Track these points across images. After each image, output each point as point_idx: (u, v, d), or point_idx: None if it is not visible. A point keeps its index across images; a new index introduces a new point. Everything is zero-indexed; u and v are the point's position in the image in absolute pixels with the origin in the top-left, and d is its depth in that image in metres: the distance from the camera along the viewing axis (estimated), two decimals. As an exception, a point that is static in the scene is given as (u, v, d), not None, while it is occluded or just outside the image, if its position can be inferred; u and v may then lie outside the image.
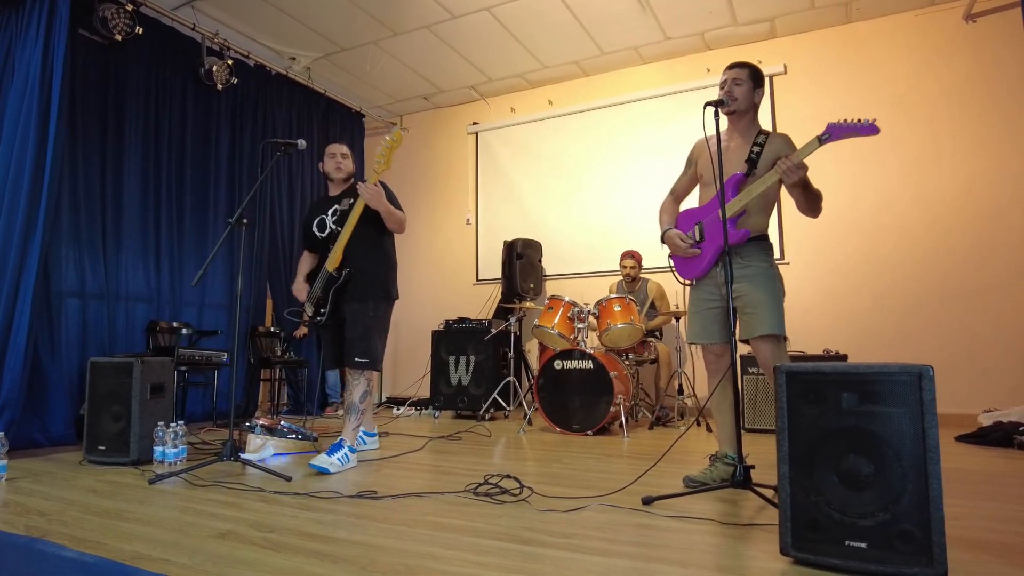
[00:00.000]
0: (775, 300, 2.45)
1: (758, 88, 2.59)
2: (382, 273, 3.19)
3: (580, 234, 6.03)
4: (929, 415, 1.48)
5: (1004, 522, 1.99)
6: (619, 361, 4.47)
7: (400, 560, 1.64)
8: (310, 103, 6.18)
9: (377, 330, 3.13)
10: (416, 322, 6.67)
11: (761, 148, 2.51)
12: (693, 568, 1.58)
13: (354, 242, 3.10)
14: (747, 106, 2.57)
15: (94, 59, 4.33)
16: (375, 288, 3.14)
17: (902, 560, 1.45)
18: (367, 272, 3.14)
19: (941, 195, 4.76)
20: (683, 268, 2.71)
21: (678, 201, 2.84)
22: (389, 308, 3.23)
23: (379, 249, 3.20)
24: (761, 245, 2.53)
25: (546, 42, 5.51)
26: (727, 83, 2.57)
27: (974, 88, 4.73)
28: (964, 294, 4.61)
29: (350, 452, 2.97)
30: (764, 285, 2.46)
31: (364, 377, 3.07)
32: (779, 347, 2.44)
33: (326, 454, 2.89)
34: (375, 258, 3.17)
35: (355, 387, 3.07)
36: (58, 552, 1.69)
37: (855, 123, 2.28)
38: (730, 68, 2.59)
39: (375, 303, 3.13)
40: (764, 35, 5.37)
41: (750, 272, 2.48)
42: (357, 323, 3.08)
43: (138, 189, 4.57)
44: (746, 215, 2.52)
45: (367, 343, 3.06)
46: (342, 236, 3.07)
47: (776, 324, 2.42)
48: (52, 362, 3.81)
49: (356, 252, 3.12)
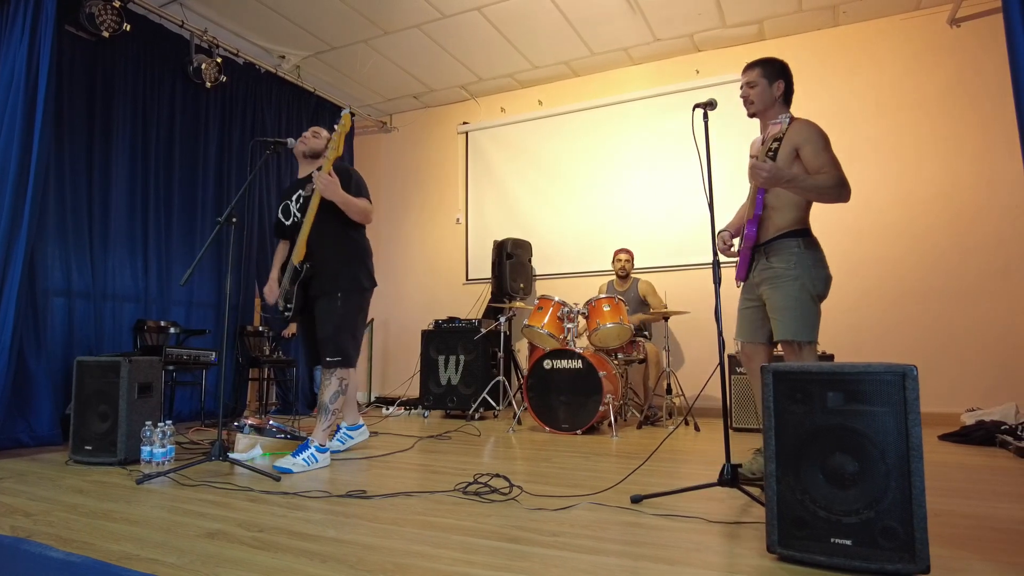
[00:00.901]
0: (790, 304, 2.38)
1: (776, 81, 2.55)
2: (349, 264, 3.10)
3: (570, 234, 6.05)
4: (913, 414, 1.51)
5: (984, 519, 2.02)
6: (608, 361, 4.49)
7: (389, 559, 1.64)
8: (300, 102, 6.15)
9: (347, 326, 3.06)
10: (406, 322, 6.67)
11: (780, 142, 2.42)
12: (680, 566, 1.59)
13: (317, 233, 3.01)
14: (765, 105, 2.55)
15: (81, 56, 4.29)
16: (341, 280, 3.06)
17: (885, 557, 1.48)
18: (332, 265, 3.06)
19: (922, 196, 4.83)
20: (736, 270, 2.66)
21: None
22: (362, 298, 3.15)
23: (344, 240, 3.11)
24: (790, 242, 2.44)
25: (536, 42, 5.52)
26: (743, 87, 2.58)
27: (956, 92, 4.79)
28: (946, 294, 4.68)
29: (318, 452, 2.95)
30: (782, 289, 2.41)
31: (335, 376, 3.02)
32: (799, 351, 2.40)
33: (291, 455, 2.88)
34: (340, 249, 3.09)
35: (326, 387, 3.03)
36: (44, 552, 1.68)
37: None
38: (744, 71, 2.60)
39: (344, 296, 3.05)
40: (752, 37, 5.41)
41: (771, 275, 2.45)
42: (325, 322, 3.03)
43: (126, 187, 4.53)
44: (768, 212, 2.47)
45: (336, 341, 3.01)
46: (303, 228, 2.98)
47: (787, 329, 2.38)
48: (38, 361, 3.77)
49: (320, 244, 3.04)
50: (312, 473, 2.84)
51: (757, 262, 2.52)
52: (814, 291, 2.41)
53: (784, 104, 2.59)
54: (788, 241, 2.46)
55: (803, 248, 2.44)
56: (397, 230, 6.93)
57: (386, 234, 6.95)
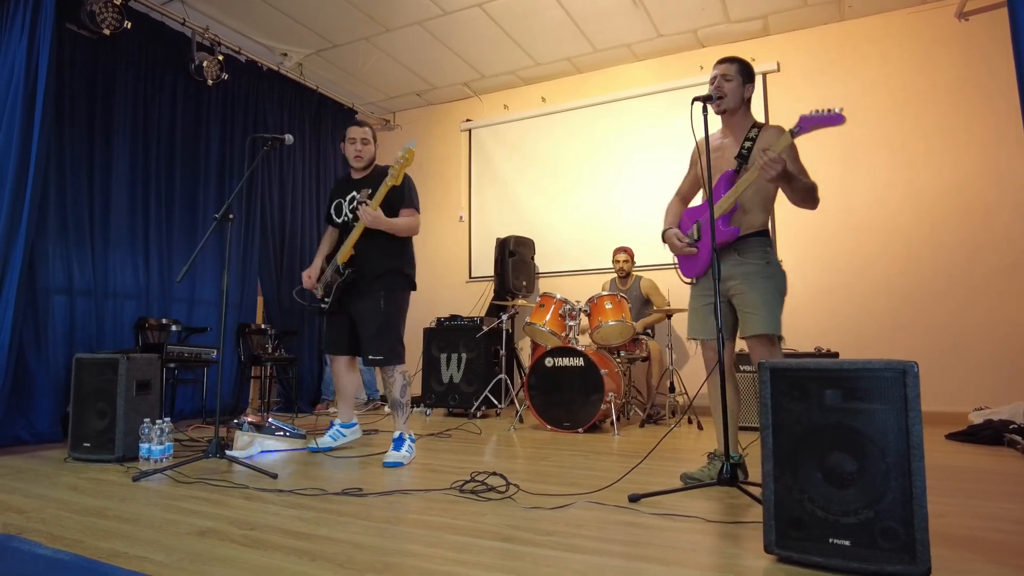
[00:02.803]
0: (768, 299, 2.42)
1: (748, 83, 2.57)
2: (393, 266, 3.19)
3: (573, 232, 6.02)
4: (913, 411, 1.47)
5: (989, 520, 1.98)
6: (610, 359, 4.45)
7: (379, 558, 1.62)
8: (302, 99, 6.14)
9: (391, 325, 3.16)
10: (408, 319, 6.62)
11: (752, 143, 2.49)
12: (676, 566, 1.56)
13: (364, 239, 3.12)
14: (737, 103, 2.55)
15: (82, 54, 4.29)
16: (385, 282, 3.15)
17: (885, 558, 1.44)
18: (377, 266, 3.15)
19: (931, 193, 4.76)
20: (685, 267, 2.70)
21: (684, 202, 2.85)
22: (403, 299, 3.24)
23: (389, 248, 3.19)
24: (760, 242, 2.49)
25: (539, 39, 5.49)
26: (716, 79, 2.56)
27: (965, 86, 4.73)
28: (954, 292, 4.62)
29: (411, 441, 3.11)
30: (758, 285, 2.43)
31: (397, 372, 3.13)
32: (772, 347, 2.41)
33: (393, 450, 3.01)
34: (385, 253, 3.17)
35: (392, 384, 3.13)
36: (32, 549, 1.67)
37: (824, 113, 2.25)
38: (719, 63, 2.58)
39: (387, 296, 3.14)
40: (757, 32, 5.36)
41: (745, 271, 2.46)
42: (369, 323, 3.12)
43: (127, 185, 4.52)
44: (740, 211, 2.50)
45: (381, 341, 3.10)
46: (351, 236, 3.10)
47: (768, 324, 2.40)
48: (38, 359, 3.78)
49: (367, 249, 3.14)
50: (309, 471, 2.83)
51: (725, 259, 2.49)
52: (783, 291, 2.49)
53: (748, 108, 2.60)
54: (760, 240, 2.50)
55: (772, 250, 2.52)
56: (400, 228, 6.91)
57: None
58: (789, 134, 2.30)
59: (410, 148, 2.94)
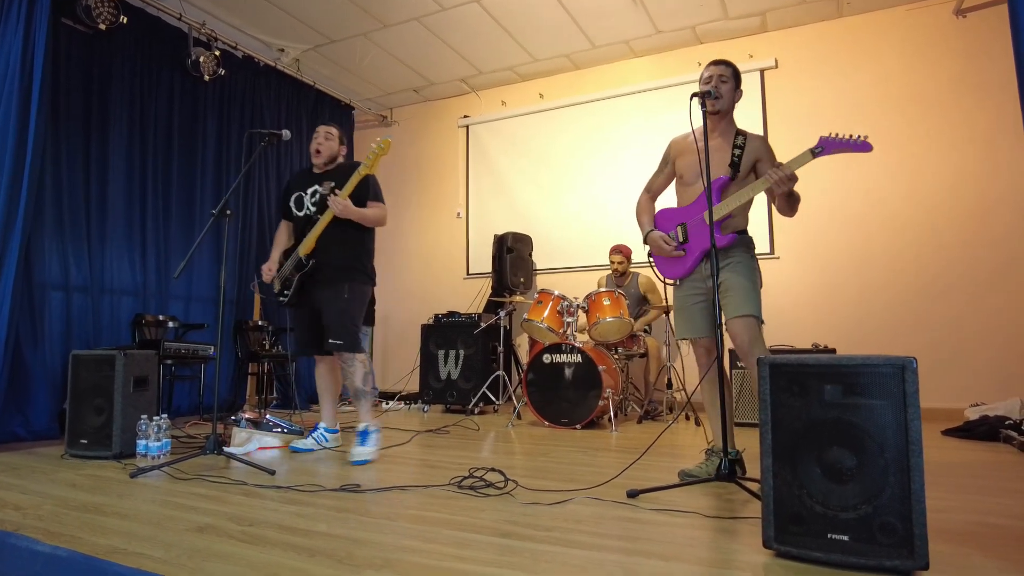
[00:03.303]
0: (752, 285, 2.48)
1: (738, 88, 2.60)
2: (357, 258, 3.17)
3: (570, 228, 6.01)
4: (912, 407, 1.47)
5: (986, 514, 1.99)
6: (608, 355, 4.46)
7: (378, 553, 1.62)
8: (299, 95, 6.12)
9: (353, 313, 3.11)
10: (406, 316, 6.65)
11: (742, 151, 2.52)
12: (675, 561, 1.56)
13: (328, 232, 3.09)
14: (729, 105, 2.58)
15: (78, 49, 4.26)
16: (349, 271, 3.13)
17: (883, 553, 1.44)
18: (341, 258, 3.12)
19: (930, 190, 4.77)
20: (665, 268, 2.72)
21: (654, 199, 2.86)
22: (364, 291, 3.20)
23: (352, 240, 3.17)
24: (743, 240, 2.57)
25: (537, 35, 5.48)
26: (713, 79, 2.56)
27: (964, 83, 4.73)
28: (953, 289, 4.63)
29: (376, 433, 3.04)
30: (743, 272, 2.49)
31: (357, 360, 3.07)
32: (755, 330, 2.44)
33: (360, 445, 2.95)
34: (347, 248, 3.15)
35: (352, 372, 3.07)
36: (30, 546, 1.66)
37: (848, 139, 2.24)
38: (714, 64, 2.59)
39: (351, 287, 3.11)
40: (755, 29, 5.35)
41: (731, 263, 2.51)
42: (332, 308, 3.08)
43: (123, 181, 4.50)
44: (731, 218, 2.54)
45: (342, 326, 3.05)
46: (316, 228, 3.07)
47: (752, 305, 2.44)
48: (35, 355, 3.76)
49: (330, 241, 3.11)
50: (307, 467, 2.82)
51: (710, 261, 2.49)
52: (761, 284, 2.55)
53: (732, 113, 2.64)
54: (743, 238, 2.57)
55: (753, 246, 2.60)
56: (397, 224, 6.90)
57: (387, 229, 6.88)
58: (809, 153, 2.28)
59: (386, 139, 2.97)
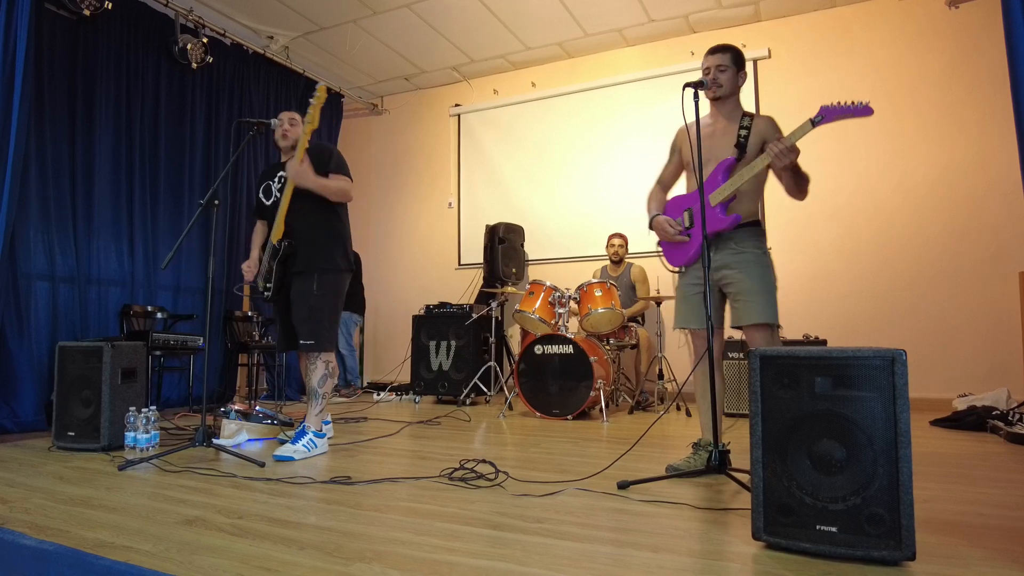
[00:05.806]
0: (768, 288, 2.42)
1: (741, 71, 2.56)
2: (328, 244, 3.04)
3: (563, 218, 6.00)
4: (901, 399, 1.48)
5: (972, 504, 2.01)
6: (600, 346, 4.46)
7: (368, 546, 1.61)
8: (288, 83, 6.05)
9: (324, 309, 2.99)
10: (397, 307, 6.62)
11: (748, 131, 2.47)
12: (665, 553, 1.57)
13: (295, 212, 2.98)
14: (731, 91, 2.55)
15: (62, 35, 4.18)
16: (318, 259, 3.00)
17: (871, 544, 1.45)
18: (309, 244, 3.01)
19: (920, 181, 4.78)
20: (672, 255, 2.67)
21: (665, 190, 2.81)
22: (337, 280, 3.06)
23: (322, 219, 3.05)
24: (754, 231, 2.50)
25: (529, 23, 5.43)
26: (711, 70, 2.53)
27: (955, 74, 4.73)
28: (941, 280, 4.66)
29: (316, 438, 2.91)
30: (757, 273, 2.43)
31: (320, 360, 2.97)
32: (772, 335, 2.41)
33: (290, 443, 2.85)
34: (318, 229, 3.04)
35: (312, 371, 2.97)
36: (16, 540, 1.65)
37: (848, 105, 2.23)
38: (712, 53, 2.55)
39: (319, 278, 2.99)
40: (748, 18, 5.33)
41: (743, 259, 2.45)
42: (301, 304, 2.98)
43: (110, 170, 4.44)
44: (736, 200, 2.49)
45: (312, 324, 2.95)
46: (280, 209, 2.96)
47: (769, 312, 2.39)
48: (20, 347, 3.72)
49: (298, 222, 3.00)
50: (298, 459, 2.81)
51: (719, 247, 2.48)
52: (775, 283, 2.49)
53: (738, 95, 2.61)
54: (755, 229, 2.52)
55: (765, 240, 2.54)
56: (388, 214, 6.86)
57: (377, 218, 6.89)
58: (809, 123, 2.26)
59: (320, 86, 2.89)
